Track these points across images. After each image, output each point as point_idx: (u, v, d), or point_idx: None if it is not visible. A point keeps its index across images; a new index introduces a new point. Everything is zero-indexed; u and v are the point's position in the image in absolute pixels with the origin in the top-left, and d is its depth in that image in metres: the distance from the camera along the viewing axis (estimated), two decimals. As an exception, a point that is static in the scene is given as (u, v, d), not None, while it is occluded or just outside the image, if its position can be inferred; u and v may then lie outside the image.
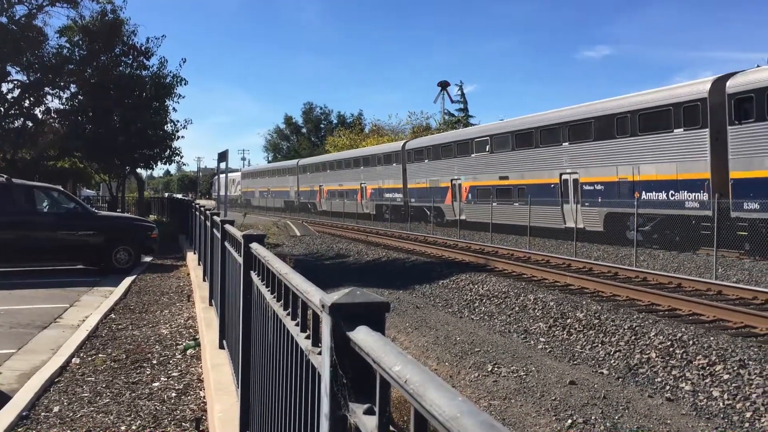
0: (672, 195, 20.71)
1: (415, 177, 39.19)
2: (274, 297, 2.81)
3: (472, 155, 32.88)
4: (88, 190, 58.61)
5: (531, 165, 27.90)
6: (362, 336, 1.40)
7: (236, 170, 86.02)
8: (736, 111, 18.59)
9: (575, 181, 25.23)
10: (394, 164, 42.20)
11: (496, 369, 8.84)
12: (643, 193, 21.67)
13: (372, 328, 1.43)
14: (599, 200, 23.02)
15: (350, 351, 1.47)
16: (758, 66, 19.35)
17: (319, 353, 1.77)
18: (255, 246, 3.80)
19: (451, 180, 34.87)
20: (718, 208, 17.56)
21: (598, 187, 23.81)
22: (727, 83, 18.97)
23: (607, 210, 23.07)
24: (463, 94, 72.12)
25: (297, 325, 2.24)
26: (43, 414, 5.61)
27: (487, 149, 31.56)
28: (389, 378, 1.20)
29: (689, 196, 20.20)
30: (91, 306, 11.03)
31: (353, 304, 1.49)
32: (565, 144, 25.68)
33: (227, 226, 6.00)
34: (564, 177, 25.86)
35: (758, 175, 17.87)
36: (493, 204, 27.64)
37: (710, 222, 17.28)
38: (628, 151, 22.49)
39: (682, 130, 20.35)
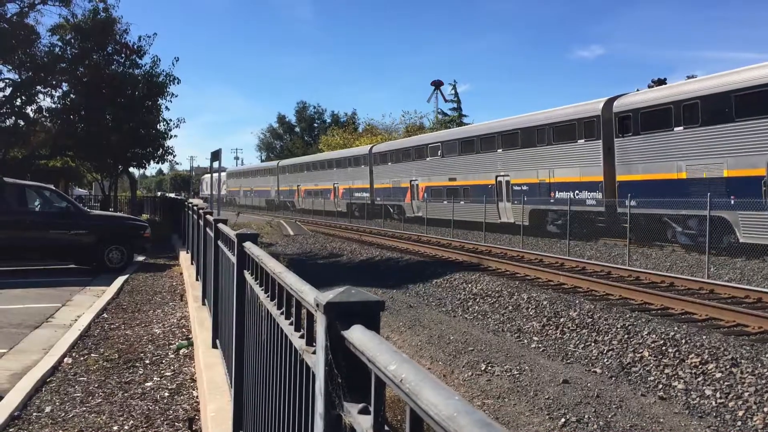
0: (577, 194, 24.72)
1: (380, 178, 42.98)
2: (268, 296, 2.80)
3: (427, 159, 36.77)
4: (80, 189, 58.41)
5: (473, 168, 31.95)
6: (357, 335, 1.39)
7: (223, 170, 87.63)
8: (620, 126, 22.66)
9: (507, 182, 29.26)
10: (363, 166, 45.69)
11: (489, 368, 8.85)
12: (557, 192, 25.80)
13: (367, 327, 1.42)
14: (525, 199, 26.86)
15: (345, 350, 1.46)
16: (638, 90, 23.84)
17: (314, 352, 1.76)
18: (248, 245, 3.79)
19: (410, 181, 38.73)
20: (606, 205, 22.41)
21: (524, 187, 27.89)
22: (614, 104, 23.05)
23: (531, 207, 26.76)
24: (456, 94, 72.35)
25: (291, 324, 2.23)
26: (35, 414, 5.58)
27: (439, 154, 35.42)
28: (384, 377, 1.19)
29: (589, 195, 24.31)
30: (84, 305, 10.99)
31: (348, 303, 1.48)
32: (499, 150, 29.73)
33: (220, 225, 5.98)
34: (499, 179, 29.87)
35: (635, 178, 22.05)
36: (444, 202, 32.35)
37: (604, 216, 22.15)
38: (545, 158, 26.59)
39: (583, 141, 24.52)
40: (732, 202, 18.05)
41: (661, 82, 24.94)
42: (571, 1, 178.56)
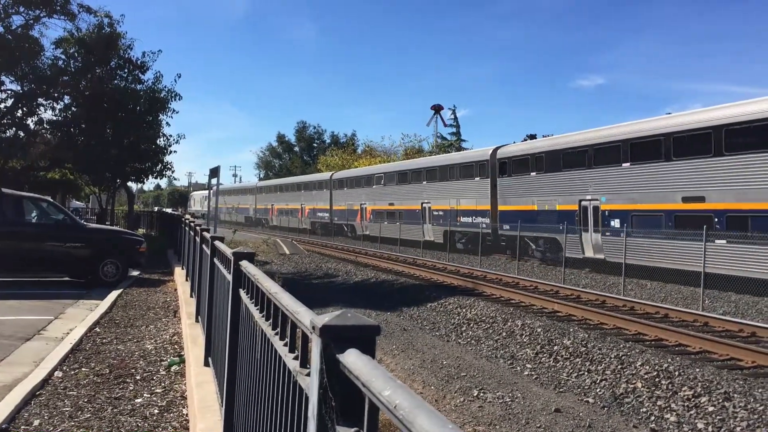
0: (474, 219, 32.11)
1: (338, 201, 50.35)
2: (263, 316, 2.80)
3: (373, 186, 44.07)
4: (77, 202, 58.41)
5: (406, 196, 39.47)
6: (352, 359, 1.40)
7: (203, 187, 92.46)
8: (500, 169, 30.33)
9: (429, 208, 36.75)
10: (324, 190, 53.23)
11: (481, 394, 8.81)
12: (461, 217, 33.29)
13: (362, 351, 1.43)
14: (441, 222, 34.91)
15: (339, 374, 1.46)
16: (514, 142, 32.86)
17: (307, 374, 1.76)
18: (245, 264, 3.79)
19: (360, 204, 45.96)
20: (492, 228, 30.15)
21: (441, 213, 35.39)
22: (497, 152, 30.90)
23: (444, 228, 34.29)
24: (456, 118, 72.80)
25: (285, 345, 2.23)
26: (23, 428, 5.53)
27: (382, 183, 42.84)
28: (378, 403, 1.19)
29: (481, 220, 31.44)
30: (76, 319, 10.93)
31: (344, 326, 1.49)
32: (424, 182, 37.46)
33: (217, 243, 5.98)
34: (423, 205, 37.29)
35: (509, 208, 29.46)
36: (385, 223, 39.86)
37: (491, 236, 29.71)
38: (455, 190, 34.15)
39: (478, 178, 32.12)
40: (561, 227, 24.32)
41: (532, 137, 33.92)
42: (574, 31, 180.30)
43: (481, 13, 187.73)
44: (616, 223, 22.87)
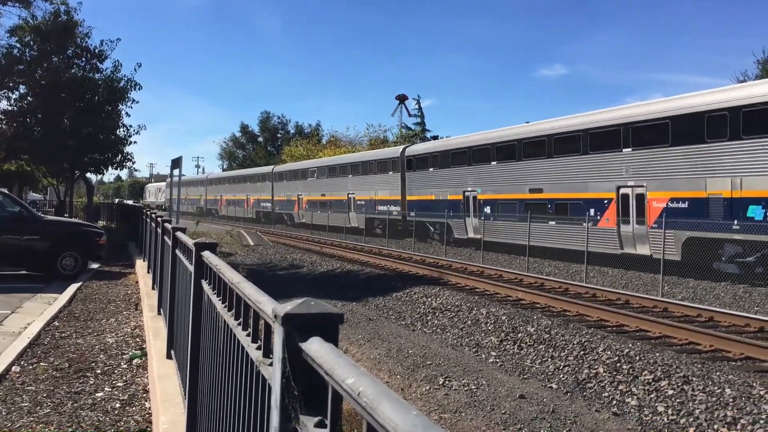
0: (389, 207, 36.99)
1: (279, 192, 55.58)
2: (225, 306, 2.76)
3: (308, 179, 49.29)
4: (34, 194, 57.17)
5: (335, 187, 44.38)
6: (315, 347, 1.37)
7: (163, 179, 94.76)
8: (408, 165, 35.70)
9: (353, 198, 41.78)
10: (267, 182, 58.34)
11: (447, 382, 8.86)
12: (379, 206, 38.18)
13: (325, 340, 1.41)
14: (363, 210, 39.56)
15: (302, 362, 1.44)
16: (421, 141, 37.41)
17: (270, 364, 1.74)
18: (207, 254, 3.73)
19: (298, 195, 51.17)
20: (402, 215, 35.69)
21: (362, 202, 40.31)
22: (406, 150, 36.78)
23: (364, 216, 38.70)
24: (420, 108, 72.90)
25: (248, 335, 2.20)
26: (-22, 425, 5.39)
27: (315, 176, 48.03)
28: (342, 391, 1.17)
29: (394, 209, 36.60)
30: (34, 313, 10.70)
31: (307, 314, 1.46)
32: (349, 176, 42.65)
33: (179, 234, 5.89)
34: (349, 196, 42.26)
35: (415, 198, 34.62)
36: (318, 212, 45.21)
37: (401, 222, 35.39)
38: (373, 182, 39.25)
39: (392, 172, 37.30)
40: (450, 213, 30.09)
41: (435, 137, 40.24)
42: (536, 23, 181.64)
43: (445, 5, 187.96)
44: (488, 209, 28.52)
